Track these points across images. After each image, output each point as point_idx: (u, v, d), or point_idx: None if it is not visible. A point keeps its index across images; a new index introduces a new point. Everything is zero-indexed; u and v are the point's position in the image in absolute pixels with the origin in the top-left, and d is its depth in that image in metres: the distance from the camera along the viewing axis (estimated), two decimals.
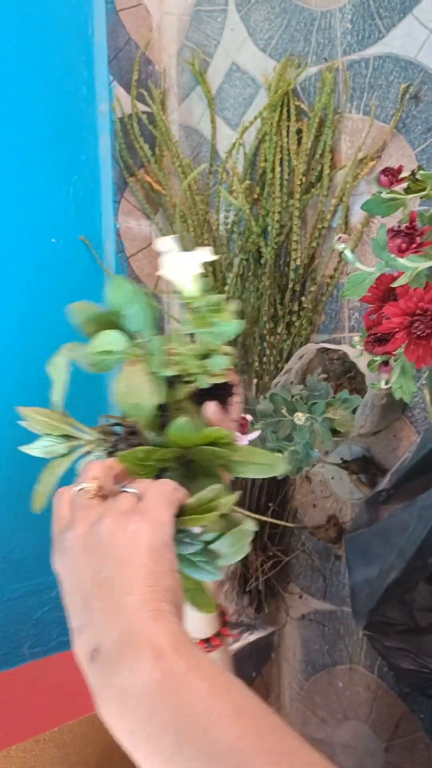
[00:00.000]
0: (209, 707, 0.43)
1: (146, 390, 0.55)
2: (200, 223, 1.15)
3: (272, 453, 0.59)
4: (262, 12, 1.16)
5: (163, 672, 0.44)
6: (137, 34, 1.24)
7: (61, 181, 1.13)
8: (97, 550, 0.49)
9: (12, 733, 0.85)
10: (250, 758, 0.41)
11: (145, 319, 0.56)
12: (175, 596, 0.48)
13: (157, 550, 0.49)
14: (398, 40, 1.02)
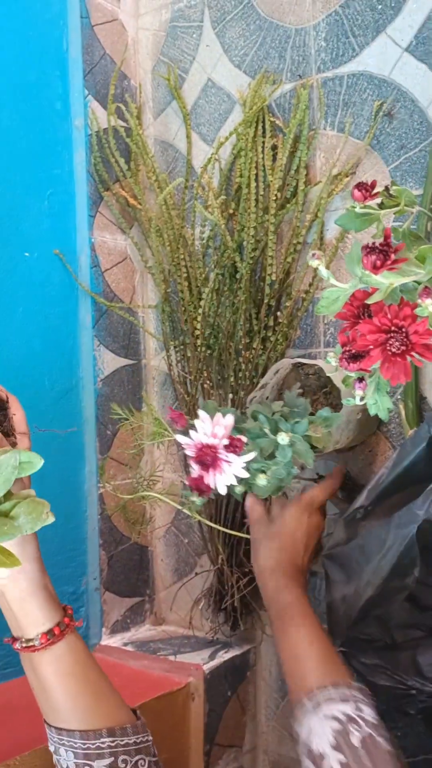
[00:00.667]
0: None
1: None
2: (176, 238, 1.15)
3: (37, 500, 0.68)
4: (237, 29, 1.17)
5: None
6: (112, 49, 1.24)
7: (36, 195, 1.12)
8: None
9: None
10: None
11: None
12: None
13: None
14: (372, 59, 1.03)
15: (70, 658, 0.72)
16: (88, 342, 1.18)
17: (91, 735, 0.71)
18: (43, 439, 1.11)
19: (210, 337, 1.12)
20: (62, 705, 0.72)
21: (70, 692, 0.72)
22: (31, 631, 0.70)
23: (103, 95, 1.22)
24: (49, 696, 0.72)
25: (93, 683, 0.74)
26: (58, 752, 0.72)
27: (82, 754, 0.70)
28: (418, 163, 0.99)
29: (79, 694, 0.72)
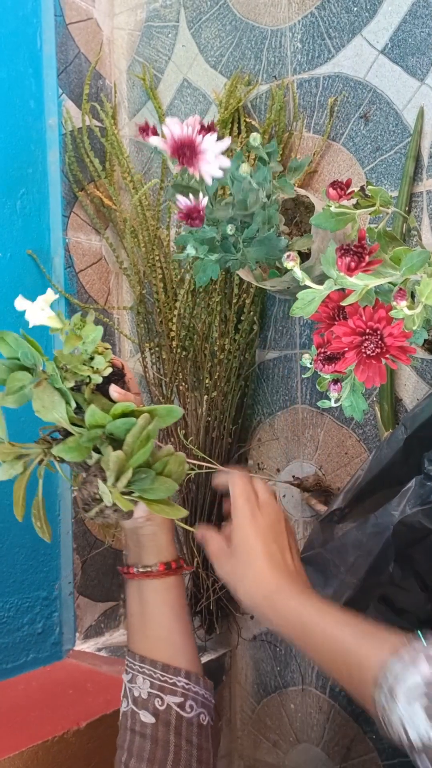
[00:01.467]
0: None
1: (56, 402, 0.72)
2: (151, 239, 1.14)
3: (168, 405, 0.75)
4: (213, 29, 1.16)
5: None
6: (87, 48, 1.23)
7: (8, 195, 1.11)
8: (291, 532, 0.84)
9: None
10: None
11: (33, 356, 0.73)
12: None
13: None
14: (348, 60, 1.03)
15: (176, 592, 0.81)
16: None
17: (170, 670, 0.77)
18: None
19: (185, 338, 1.11)
20: (155, 633, 0.79)
21: (165, 623, 0.80)
22: (152, 559, 0.80)
23: (77, 94, 1.20)
24: (146, 622, 0.80)
25: (186, 624, 0.82)
26: (135, 680, 0.77)
27: (158, 686, 0.76)
28: (394, 165, 0.99)
29: (173, 628, 0.80)
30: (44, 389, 0.73)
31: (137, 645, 0.80)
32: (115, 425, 0.72)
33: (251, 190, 0.78)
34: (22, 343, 0.73)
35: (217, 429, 1.09)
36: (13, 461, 0.75)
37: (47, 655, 1.12)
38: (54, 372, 0.73)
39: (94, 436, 0.72)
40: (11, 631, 1.07)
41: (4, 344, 0.74)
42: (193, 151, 0.72)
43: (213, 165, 0.73)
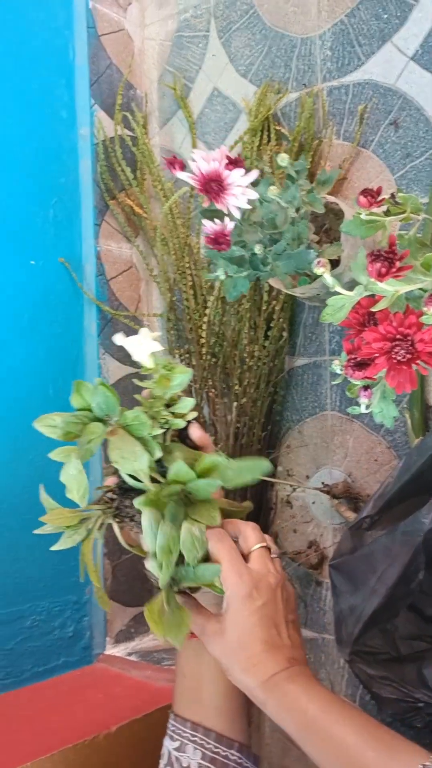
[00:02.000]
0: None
1: (137, 452, 0.67)
2: (181, 247, 1.15)
3: (255, 458, 0.75)
4: (243, 38, 1.17)
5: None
6: (119, 59, 1.25)
7: (41, 204, 1.13)
8: (288, 599, 0.73)
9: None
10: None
11: (110, 404, 0.70)
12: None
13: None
14: (378, 67, 1.03)
15: None
16: (93, 350, 1.18)
17: (225, 741, 0.72)
18: (48, 447, 1.11)
19: (215, 345, 1.12)
20: (211, 700, 0.74)
21: (223, 690, 0.74)
22: None
23: (109, 104, 1.22)
24: (203, 686, 0.74)
25: (241, 694, 0.73)
26: (184, 749, 0.72)
27: (210, 757, 0.71)
28: (424, 171, 0.99)
29: (230, 696, 0.74)
30: (122, 438, 0.68)
31: (189, 710, 0.74)
32: (196, 486, 0.68)
33: (280, 210, 0.79)
34: (99, 392, 0.70)
35: (247, 435, 1.09)
36: (76, 526, 0.72)
37: (78, 659, 1.13)
38: (137, 420, 0.69)
39: (174, 492, 0.68)
40: (42, 634, 1.08)
41: (77, 395, 0.71)
42: (221, 186, 0.73)
43: (240, 198, 0.74)
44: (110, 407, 0.70)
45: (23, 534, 1.07)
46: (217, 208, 0.76)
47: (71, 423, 0.70)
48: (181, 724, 0.74)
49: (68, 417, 0.70)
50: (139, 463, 0.67)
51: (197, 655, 0.75)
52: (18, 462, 1.07)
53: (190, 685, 0.76)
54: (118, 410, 0.70)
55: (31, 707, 1.00)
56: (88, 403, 0.70)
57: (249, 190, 0.73)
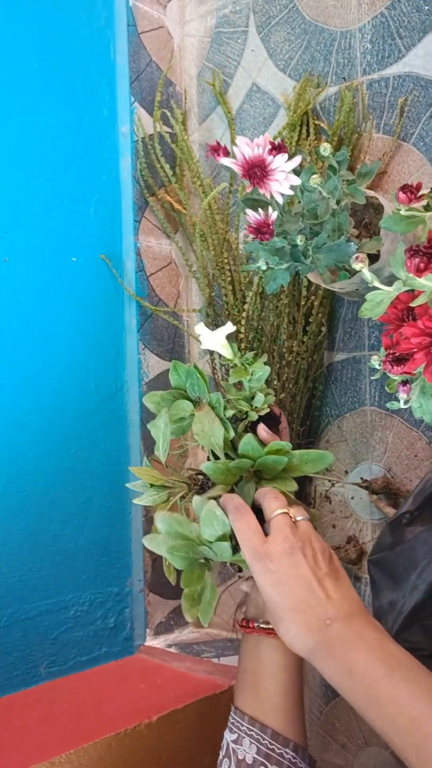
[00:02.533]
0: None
1: (215, 428, 0.75)
2: (220, 242, 1.15)
3: (321, 450, 0.78)
4: (282, 33, 1.17)
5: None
6: (158, 56, 1.26)
7: (82, 201, 1.14)
8: (315, 555, 0.70)
9: (28, 755, 0.84)
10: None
11: (200, 386, 0.77)
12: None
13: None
14: (419, 60, 1.02)
15: (294, 657, 0.75)
16: (133, 345, 1.19)
17: (280, 739, 0.73)
18: (90, 441, 1.13)
19: (254, 340, 1.12)
20: (269, 697, 0.75)
21: (281, 688, 0.75)
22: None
23: (148, 102, 1.23)
24: (260, 683, 0.75)
25: (299, 693, 0.76)
26: (241, 742, 0.73)
27: (264, 753, 0.72)
28: None
29: (289, 692, 0.75)
30: (206, 414, 0.75)
31: (248, 705, 0.75)
32: (265, 460, 0.73)
33: (321, 200, 0.79)
34: (192, 373, 0.77)
35: None
36: (159, 488, 0.77)
37: (119, 650, 1.15)
38: (218, 402, 0.76)
39: (244, 466, 0.73)
40: (85, 624, 1.10)
41: (174, 373, 0.78)
42: (264, 171, 0.74)
43: (283, 184, 0.74)
44: (201, 389, 0.77)
45: (66, 526, 1.09)
46: (258, 196, 0.77)
47: (167, 398, 0.79)
48: (240, 717, 0.75)
49: (166, 394, 0.79)
50: (216, 437, 0.74)
51: (256, 650, 0.76)
52: (61, 455, 1.09)
53: (249, 679, 0.76)
54: (207, 392, 0.77)
55: (75, 696, 1.02)
56: (184, 383, 0.78)
57: (292, 175, 0.74)
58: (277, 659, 0.75)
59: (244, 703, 0.76)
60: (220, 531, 0.70)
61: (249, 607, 0.79)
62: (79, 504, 1.11)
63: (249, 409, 0.77)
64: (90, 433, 1.13)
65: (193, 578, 0.71)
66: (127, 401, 1.19)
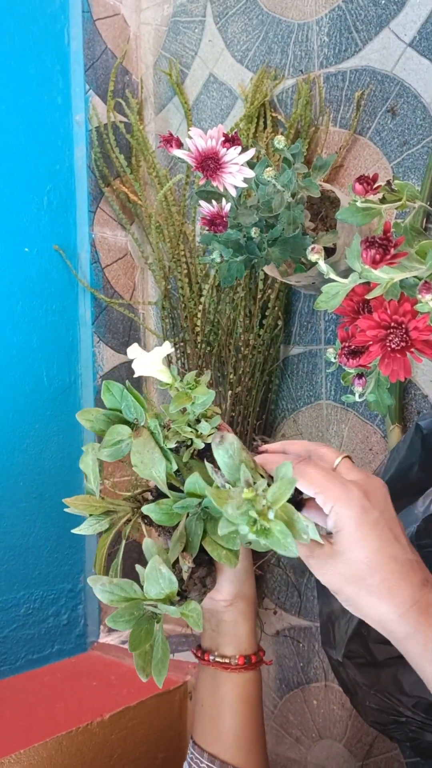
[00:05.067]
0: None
1: (156, 459, 0.69)
2: (176, 234, 1.14)
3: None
4: (239, 24, 1.16)
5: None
6: (114, 44, 1.24)
7: (35, 191, 1.12)
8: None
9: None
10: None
11: (137, 409, 0.71)
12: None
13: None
14: (375, 54, 1.03)
15: (253, 688, 0.74)
16: (88, 338, 1.18)
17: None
18: (42, 435, 1.11)
19: (210, 333, 1.11)
20: (228, 731, 0.73)
21: (242, 719, 0.73)
22: (231, 650, 0.73)
23: (104, 90, 1.21)
24: (219, 717, 0.73)
25: (260, 723, 0.75)
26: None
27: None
28: (421, 159, 0.99)
29: (247, 726, 0.73)
30: (145, 443, 0.70)
31: (207, 741, 0.74)
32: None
33: (276, 193, 0.78)
34: (126, 395, 0.71)
35: (241, 424, 1.09)
36: (100, 516, 0.72)
37: (72, 647, 1.13)
38: (156, 429, 0.70)
39: (190, 505, 0.68)
40: (37, 622, 1.08)
41: (108, 394, 0.72)
42: (217, 163, 0.73)
43: (237, 176, 0.73)
44: (138, 412, 0.71)
45: (17, 522, 1.07)
46: (212, 189, 0.76)
47: (101, 419, 0.72)
48: (199, 754, 0.73)
49: (100, 415, 0.72)
50: (157, 470, 0.68)
51: (215, 684, 0.74)
52: (12, 450, 1.07)
53: (207, 713, 0.75)
54: (145, 416, 0.71)
55: (26, 695, 1.00)
56: (119, 404, 0.71)
57: (245, 168, 0.73)
58: (236, 692, 0.73)
59: (203, 738, 0.74)
60: (167, 589, 0.64)
61: (204, 637, 0.76)
62: (30, 499, 1.09)
63: (194, 436, 0.70)
64: (42, 427, 1.11)
65: (142, 637, 0.65)
66: (82, 395, 1.17)
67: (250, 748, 0.73)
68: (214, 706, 0.74)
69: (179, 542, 0.67)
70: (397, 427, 0.99)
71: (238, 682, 0.73)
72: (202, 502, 0.67)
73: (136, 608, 0.65)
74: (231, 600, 0.72)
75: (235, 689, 0.73)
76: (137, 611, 0.65)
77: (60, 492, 1.13)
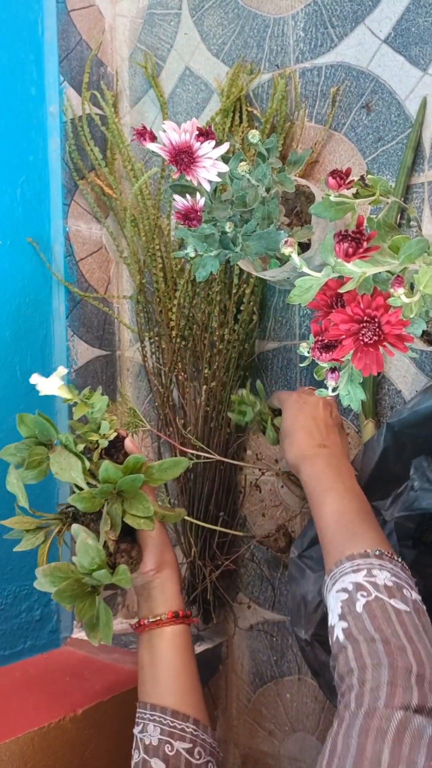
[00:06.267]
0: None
1: (72, 463, 0.82)
2: (151, 228, 1.14)
3: (176, 457, 0.92)
4: (215, 17, 1.16)
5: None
6: (89, 36, 1.22)
7: (8, 182, 1.11)
8: (333, 413, 0.96)
9: None
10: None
11: (48, 431, 0.85)
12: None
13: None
14: (351, 50, 1.03)
15: (184, 639, 0.85)
16: (62, 332, 1.17)
17: (179, 716, 0.80)
18: (15, 429, 1.10)
19: (185, 328, 1.11)
20: (164, 679, 0.83)
21: (174, 668, 0.83)
22: (161, 609, 0.85)
23: (78, 82, 1.20)
24: (155, 669, 0.83)
25: (193, 672, 0.85)
26: (146, 729, 0.80)
27: (168, 732, 0.79)
28: (395, 155, 0.99)
29: (181, 673, 0.83)
30: (60, 453, 0.83)
31: (147, 694, 0.83)
32: (125, 481, 0.81)
33: (250, 188, 0.78)
34: (39, 422, 0.84)
35: (216, 419, 1.09)
36: (35, 531, 0.85)
37: (45, 643, 1.13)
38: (68, 440, 0.83)
39: (106, 490, 0.81)
40: (9, 618, 1.07)
41: (22, 425, 0.84)
42: (191, 157, 0.73)
43: (210, 171, 0.73)
44: (49, 432, 0.84)
45: None
46: (186, 183, 0.76)
47: (22, 449, 0.84)
48: (142, 708, 0.82)
49: (20, 445, 0.85)
50: (75, 471, 0.82)
51: (150, 644, 0.84)
52: None
53: (147, 673, 0.84)
54: (55, 435, 0.84)
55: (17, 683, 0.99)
56: (33, 431, 0.84)
57: (219, 162, 0.73)
58: (168, 643, 0.84)
59: (145, 695, 0.83)
60: (97, 558, 0.77)
61: (139, 609, 0.88)
62: (3, 493, 1.08)
63: (99, 438, 0.85)
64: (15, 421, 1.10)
65: (86, 608, 0.78)
66: None
67: (186, 693, 0.82)
68: (151, 664, 0.84)
69: (105, 524, 0.80)
70: (371, 422, 1.00)
71: (170, 635, 0.84)
72: (116, 485, 0.81)
73: (76, 585, 0.78)
74: (156, 568, 0.85)
75: (167, 641, 0.84)
76: (78, 587, 0.78)
77: (34, 486, 1.12)
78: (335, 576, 0.74)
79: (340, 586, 0.72)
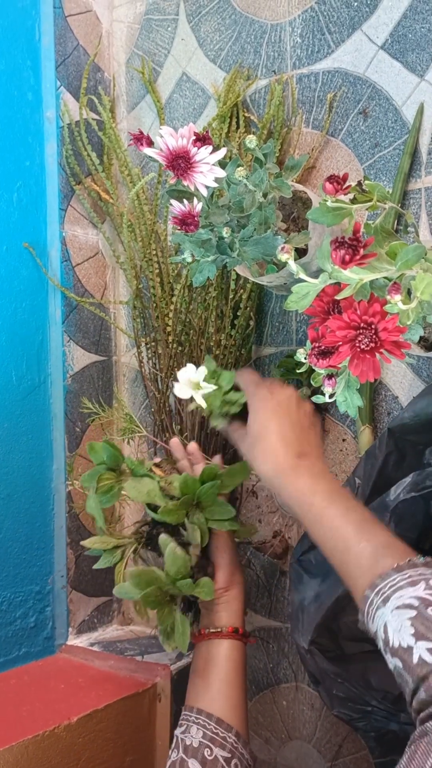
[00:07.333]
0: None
1: (146, 483, 0.89)
2: (148, 233, 1.13)
3: (242, 462, 0.91)
4: (212, 23, 1.16)
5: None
6: (86, 41, 1.22)
7: (4, 187, 1.10)
8: (305, 411, 0.88)
9: None
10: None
11: (117, 457, 0.91)
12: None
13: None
14: (348, 56, 1.03)
15: (239, 654, 0.89)
16: (58, 337, 1.16)
17: (223, 725, 0.83)
18: (11, 435, 1.09)
19: (181, 333, 1.11)
20: (215, 688, 0.86)
21: (227, 680, 0.87)
22: (223, 622, 0.90)
23: (75, 87, 1.20)
24: (208, 677, 0.87)
25: (243, 686, 0.89)
26: (189, 730, 0.83)
27: (210, 737, 0.82)
28: (392, 161, 0.99)
29: (232, 684, 0.87)
30: (133, 478, 0.89)
31: (197, 698, 0.86)
32: (203, 490, 0.86)
33: (247, 193, 0.78)
34: (107, 449, 0.89)
35: None
36: (112, 550, 0.91)
37: (40, 650, 1.12)
38: (133, 464, 0.90)
39: (188, 501, 0.87)
40: (4, 624, 1.07)
41: (92, 452, 0.90)
42: (188, 162, 0.73)
43: (207, 176, 0.73)
44: (117, 458, 0.90)
45: None
46: (183, 188, 0.75)
47: (93, 475, 0.90)
48: (189, 711, 0.85)
49: (92, 471, 0.90)
50: (150, 491, 0.87)
51: (207, 651, 0.89)
52: None
53: (199, 677, 0.88)
54: (122, 462, 0.90)
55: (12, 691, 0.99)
56: (102, 457, 0.89)
57: (216, 167, 0.73)
58: (225, 654, 0.88)
59: (194, 699, 0.86)
60: (183, 568, 0.83)
61: (202, 619, 0.92)
62: None
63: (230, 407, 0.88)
64: (11, 426, 1.10)
65: (165, 616, 0.84)
66: (51, 394, 1.16)
67: (233, 704, 0.86)
68: (205, 671, 0.88)
69: (193, 533, 0.86)
70: (368, 428, 1.00)
71: (227, 647, 0.88)
72: (195, 495, 0.86)
73: (160, 593, 0.83)
74: (226, 587, 0.90)
75: (224, 651, 0.88)
76: (161, 595, 0.83)
77: (28, 493, 1.11)
78: (383, 591, 0.66)
79: (400, 602, 0.64)
